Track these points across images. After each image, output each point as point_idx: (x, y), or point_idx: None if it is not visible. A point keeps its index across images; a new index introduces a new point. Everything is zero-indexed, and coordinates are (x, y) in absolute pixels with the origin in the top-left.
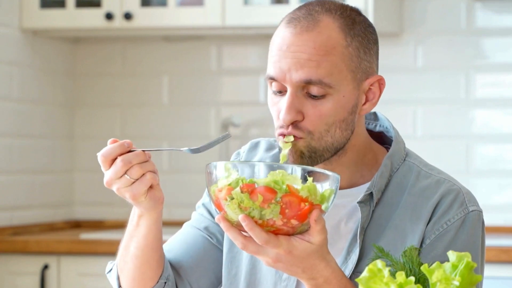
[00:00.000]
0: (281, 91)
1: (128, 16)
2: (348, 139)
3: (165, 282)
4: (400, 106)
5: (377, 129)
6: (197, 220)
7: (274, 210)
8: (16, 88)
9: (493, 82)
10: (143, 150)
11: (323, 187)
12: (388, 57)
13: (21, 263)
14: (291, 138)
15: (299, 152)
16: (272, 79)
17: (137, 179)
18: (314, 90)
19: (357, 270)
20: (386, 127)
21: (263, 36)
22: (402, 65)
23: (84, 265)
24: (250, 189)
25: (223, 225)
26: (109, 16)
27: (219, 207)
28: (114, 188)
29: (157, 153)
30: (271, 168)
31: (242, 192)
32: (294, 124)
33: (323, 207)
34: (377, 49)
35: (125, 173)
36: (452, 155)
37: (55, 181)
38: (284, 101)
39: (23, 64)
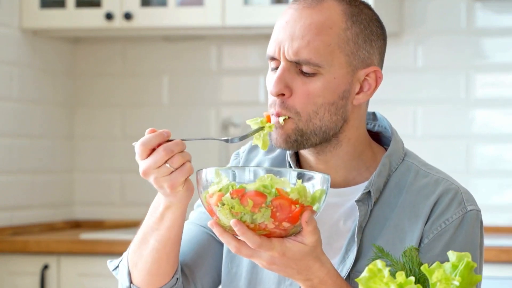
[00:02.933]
0: (278, 68)
1: (128, 16)
2: (340, 127)
3: (177, 278)
4: (400, 106)
5: (376, 129)
6: (198, 218)
7: (265, 214)
8: (16, 88)
9: (493, 82)
10: (182, 140)
11: (314, 188)
12: (388, 57)
13: (21, 263)
14: (274, 120)
15: (285, 136)
16: (271, 58)
17: (176, 169)
18: (305, 67)
19: (355, 269)
20: (385, 127)
21: (263, 36)
22: (402, 65)
23: (84, 265)
24: (240, 195)
25: (216, 230)
26: (109, 16)
27: (211, 212)
28: (152, 177)
29: None
30: (262, 172)
31: (232, 197)
32: (282, 99)
33: (314, 207)
34: (382, 45)
35: (166, 162)
36: (452, 155)
37: (55, 181)
38: (274, 74)
39: (23, 64)
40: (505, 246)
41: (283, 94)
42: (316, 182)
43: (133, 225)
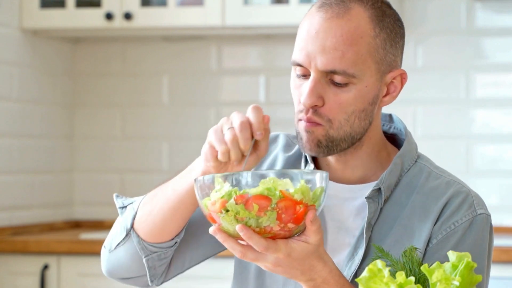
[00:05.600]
0: (305, 75)
1: (128, 16)
2: (366, 130)
3: (176, 242)
4: (400, 106)
5: (391, 131)
6: None
7: (271, 216)
8: (16, 88)
9: (493, 82)
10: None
11: (314, 186)
12: None
13: (21, 263)
14: (303, 125)
15: (316, 141)
16: (297, 64)
17: (230, 142)
18: (338, 78)
19: (363, 267)
20: (400, 129)
21: (263, 36)
22: (402, 65)
23: (84, 265)
24: (244, 200)
25: (219, 237)
26: (109, 16)
27: (211, 219)
28: (214, 130)
29: (156, 153)
30: (261, 176)
31: (236, 203)
32: (314, 109)
33: (316, 206)
34: (403, 44)
35: (228, 129)
36: (452, 155)
37: (55, 181)
38: (306, 85)
39: (23, 64)
40: (505, 246)
41: (315, 105)
42: (316, 180)
43: None
